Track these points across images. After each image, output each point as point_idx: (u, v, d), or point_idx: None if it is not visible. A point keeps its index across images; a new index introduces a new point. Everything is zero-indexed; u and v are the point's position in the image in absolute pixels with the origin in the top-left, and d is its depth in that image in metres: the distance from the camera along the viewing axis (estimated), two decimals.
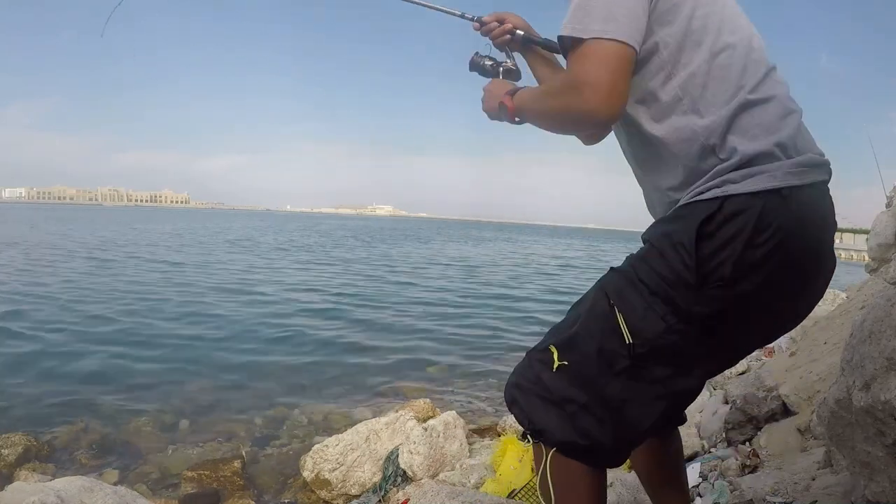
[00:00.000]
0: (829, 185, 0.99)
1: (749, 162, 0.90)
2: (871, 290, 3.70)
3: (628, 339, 0.93)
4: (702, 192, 0.92)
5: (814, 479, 1.63)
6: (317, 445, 3.39)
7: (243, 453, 3.71)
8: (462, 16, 1.33)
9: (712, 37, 0.94)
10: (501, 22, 1.27)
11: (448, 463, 3.16)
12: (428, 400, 4.38)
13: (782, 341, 4.77)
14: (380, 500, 3.01)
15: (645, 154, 1.03)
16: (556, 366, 0.99)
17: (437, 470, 3.09)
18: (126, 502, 2.24)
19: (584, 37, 0.88)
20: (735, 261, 0.88)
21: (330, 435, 3.57)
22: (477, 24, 1.29)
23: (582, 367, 0.97)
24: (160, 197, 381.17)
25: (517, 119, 1.08)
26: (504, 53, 1.28)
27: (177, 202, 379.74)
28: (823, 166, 0.96)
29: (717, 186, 0.90)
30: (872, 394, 1.12)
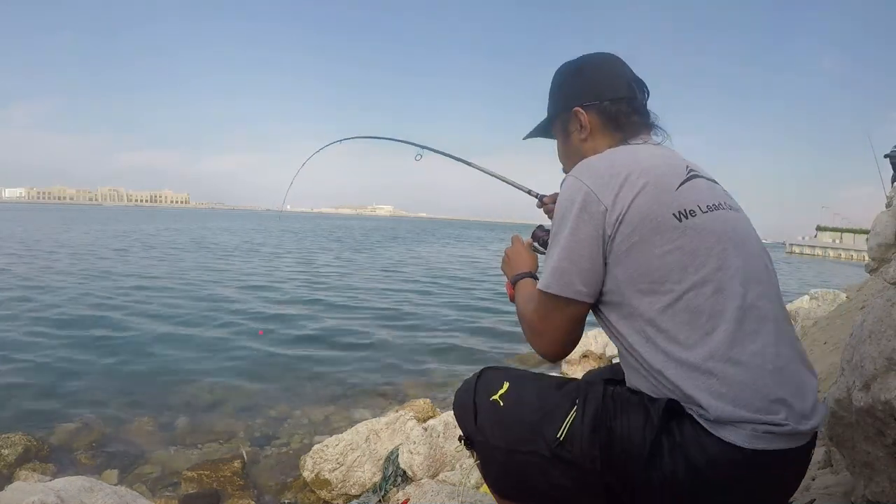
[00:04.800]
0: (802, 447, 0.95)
1: (716, 419, 0.90)
2: (871, 290, 3.70)
3: (561, 434, 0.96)
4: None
5: (814, 479, 1.63)
6: (317, 445, 3.39)
7: (243, 453, 3.72)
8: (529, 192, 1.54)
9: (675, 277, 0.94)
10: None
11: (448, 463, 3.16)
12: (428, 400, 4.38)
13: None
14: (380, 500, 3.01)
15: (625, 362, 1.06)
16: (493, 397, 1.05)
17: (437, 470, 3.08)
18: (126, 502, 2.24)
19: (539, 287, 1.03)
20: (677, 474, 0.90)
21: (330, 435, 3.57)
22: (539, 203, 1.49)
23: (510, 420, 1.02)
24: (160, 197, 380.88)
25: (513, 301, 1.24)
26: None
27: (177, 202, 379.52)
28: (799, 435, 0.93)
29: (691, 407, 0.93)
30: (872, 394, 1.12)
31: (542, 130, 1.29)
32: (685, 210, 0.97)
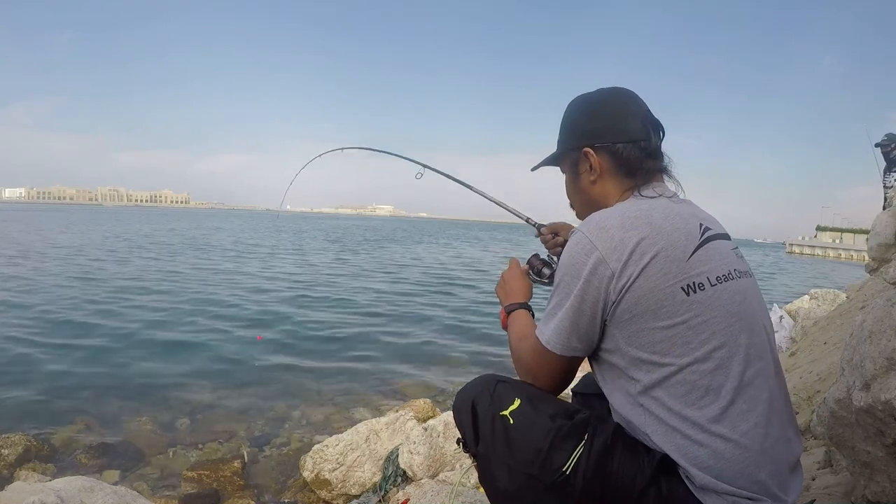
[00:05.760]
0: None
1: (699, 486, 0.94)
2: (871, 290, 3.70)
3: (568, 467, 0.96)
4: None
5: (814, 479, 1.63)
6: (317, 445, 3.39)
7: (243, 453, 3.72)
8: (527, 220, 1.58)
9: (677, 351, 0.95)
10: (555, 233, 1.48)
11: (448, 463, 3.16)
12: (428, 400, 4.38)
13: (782, 341, 4.78)
14: (380, 500, 3.01)
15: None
16: (504, 412, 1.05)
17: (437, 470, 3.08)
18: (126, 502, 2.24)
19: (538, 335, 1.06)
20: None
21: (330, 435, 3.57)
22: (537, 231, 1.53)
23: (518, 440, 1.02)
24: (160, 197, 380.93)
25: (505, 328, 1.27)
26: (556, 258, 1.44)
27: (177, 202, 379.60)
28: None
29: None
30: (872, 394, 1.12)
31: (552, 162, 1.27)
32: (694, 284, 0.96)
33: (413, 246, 31.05)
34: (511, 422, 1.03)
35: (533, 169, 1.33)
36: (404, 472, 3.07)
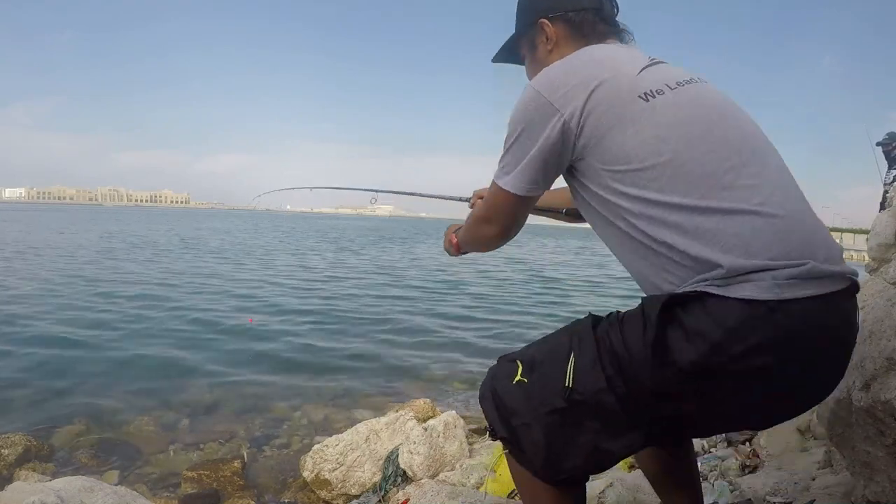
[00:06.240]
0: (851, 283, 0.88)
1: (730, 273, 0.84)
2: (871, 290, 3.69)
3: (569, 383, 0.95)
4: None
5: (814, 479, 1.63)
6: (317, 445, 3.39)
7: (243, 453, 3.72)
8: (460, 199, 1.72)
9: (654, 150, 0.91)
10: (481, 197, 1.51)
11: (448, 463, 3.16)
12: (428, 400, 4.38)
13: None
14: (380, 500, 3.01)
15: (622, 253, 1.04)
16: (515, 379, 1.04)
17: (437, 470, 3.08)
18: (126, 502, 2.23)
19: (495, 180, 1.06)
20: (695, 360, 0.83)
21: (330, 435, 3.57)
22: (468, 204, 1.61)
23: (533, 391, 1.02)
24: (160, 197, 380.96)
25: (463, 251, 1.31)
26: None
27: (177, 202, 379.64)
28: (831, 277, 0.85)
29: (699, 282, 0.87)
30: (872, 394, 1.12)
31: (510, 51, 1.29)
32: (651, 90, 0.94)
33: (413, 246, 31.04)
34: (526, 381, 1.03)
35: (494, 60, 1.33)
36: (404, 472, 3.07)
